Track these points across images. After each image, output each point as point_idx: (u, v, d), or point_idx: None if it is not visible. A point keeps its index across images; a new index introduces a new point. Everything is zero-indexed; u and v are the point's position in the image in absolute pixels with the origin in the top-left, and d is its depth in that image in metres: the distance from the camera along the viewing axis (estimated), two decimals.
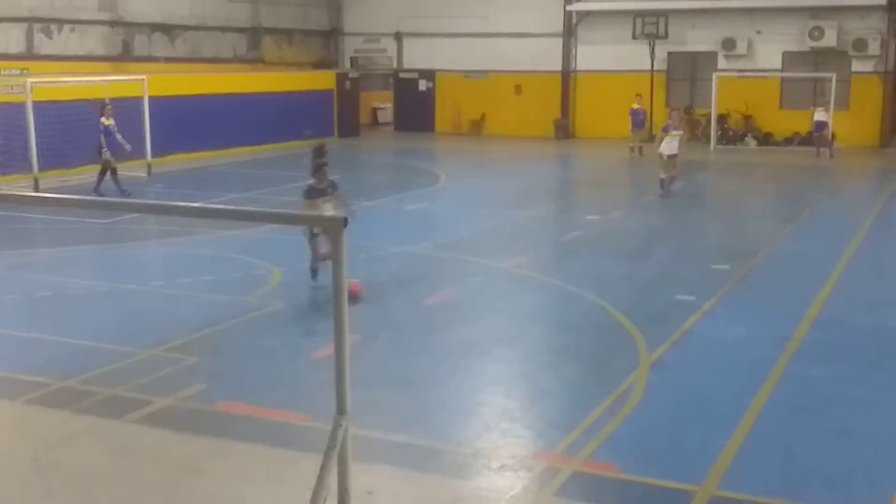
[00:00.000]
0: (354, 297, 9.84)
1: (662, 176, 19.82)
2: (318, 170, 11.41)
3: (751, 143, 30.75)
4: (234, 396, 7.91)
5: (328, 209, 11.00)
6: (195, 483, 6.40)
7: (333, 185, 11.54)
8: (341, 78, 33.66)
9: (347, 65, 35.87)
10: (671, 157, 19.57)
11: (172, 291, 11.62)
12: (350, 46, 36.21)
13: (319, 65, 34.73)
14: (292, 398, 7.91)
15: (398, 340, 9.71)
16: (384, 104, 37.76)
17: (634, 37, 31.83)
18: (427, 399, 8.05)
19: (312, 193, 11.32)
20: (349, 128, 33.44)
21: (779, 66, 31.51)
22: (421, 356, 9.27)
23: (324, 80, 33.01)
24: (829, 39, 30.31)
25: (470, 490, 6.31)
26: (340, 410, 4.72)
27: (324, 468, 4.68)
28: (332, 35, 35.98)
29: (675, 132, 19.65)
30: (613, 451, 6.87)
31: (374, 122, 37.85)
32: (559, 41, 33.55)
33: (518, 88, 33.95)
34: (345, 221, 4.57)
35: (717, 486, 6.29)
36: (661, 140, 19.69)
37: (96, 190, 18.77)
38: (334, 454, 4.70)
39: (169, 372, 8.57)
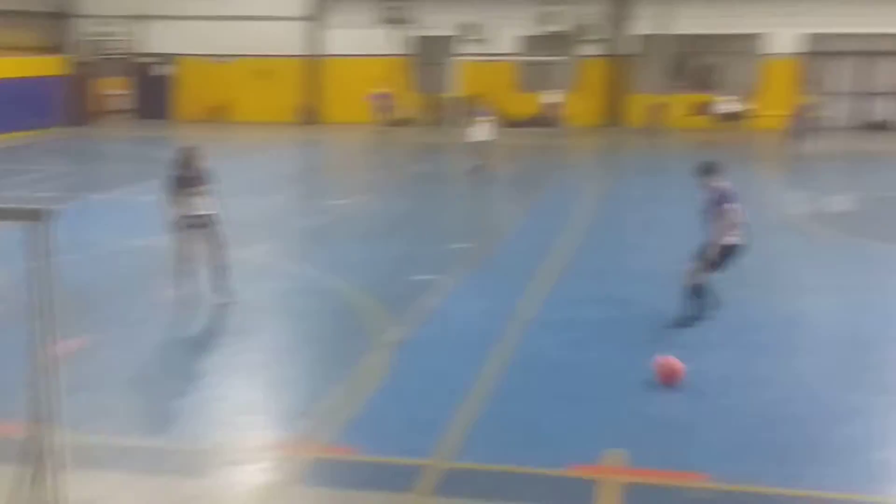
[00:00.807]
0: None
1: (473, 161, 20.00)
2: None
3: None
4: None
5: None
6: None
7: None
8: (72, 63, 31.67)
9: (80, 49, 33.81)
10: (482, 143, 19.85)
11: None
12: (84, 29, 34.10)
13: (48, 49, 32.49)
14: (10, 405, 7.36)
15: (130, 339, 9.27)
16: (121, 91, 35.92)
17: (380, 21, 32.13)
18: (160, 399, 7.75)
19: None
20: (79, 116, 31.54)
21: (514, 50, 32.86)
22: (154, 354, 8.92)
23: (50, 65, 30.94)
24: (560, 25, 31.95)
25: (204, 488, 6.14)
26: (39, 418, 4.42)
27: (24, 481, 4.37)
28: (61, 17, 33.74)
29: (483, 118, 20.02)
30: (353, 433, 6.91)
31: (111, 111, 35.93)
32: (306, 25, 33.29)
33: (265, 73, 33.37)
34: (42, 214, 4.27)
35: (452, 457, 6.48)
36: (471, 126, 19.99)
37: None
38: (44, 465, 4.41)
39: None
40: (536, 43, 32.51)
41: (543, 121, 30.29)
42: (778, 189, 20.26)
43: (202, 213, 10.22)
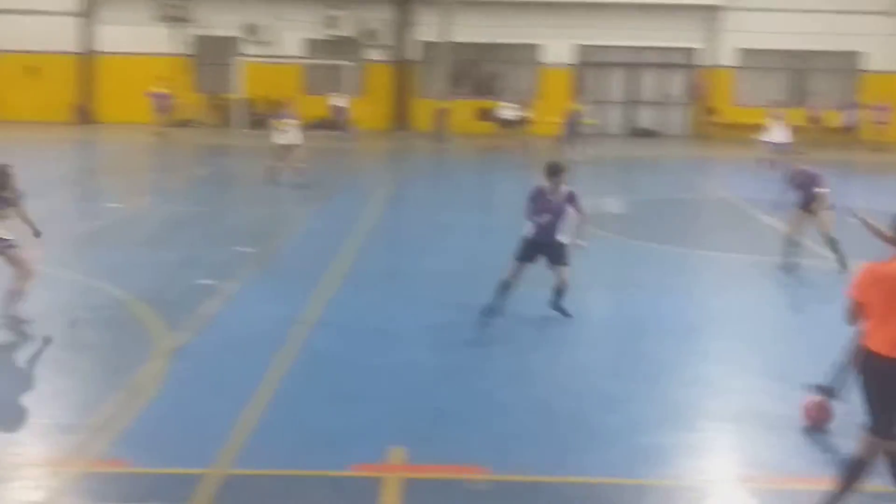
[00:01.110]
0: None
1: (272, 164, 19.35)
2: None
3: None
4: None
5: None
6: None
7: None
8: None
9: None
10: (285, 146, 19.27)
11: None
12: None
13: None
14: None
15: None
16: None
17: (158, 19, 31.04)
18: None
19: None
20: None
21: (300, 52, 32.67)
22: None
23: None
24: (345, 29, 32.07)
25: None
26: None
27: None
28: None
29: (287, 120, 19.47)
30: (127, 445, 6.61)
31: None
32: (78, 21, 31.65)
33: (34, 70, 31.45)
34: None
35: (231, 465, 6.34)
36: (276, 129, 19.39)
37: None
38: None
39: None
40: (322, 46, 32.47)
41: (331, 124, 30.25)
42: None
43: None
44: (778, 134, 23.20)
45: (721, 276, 12.82)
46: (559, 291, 9.87)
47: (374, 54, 32.84)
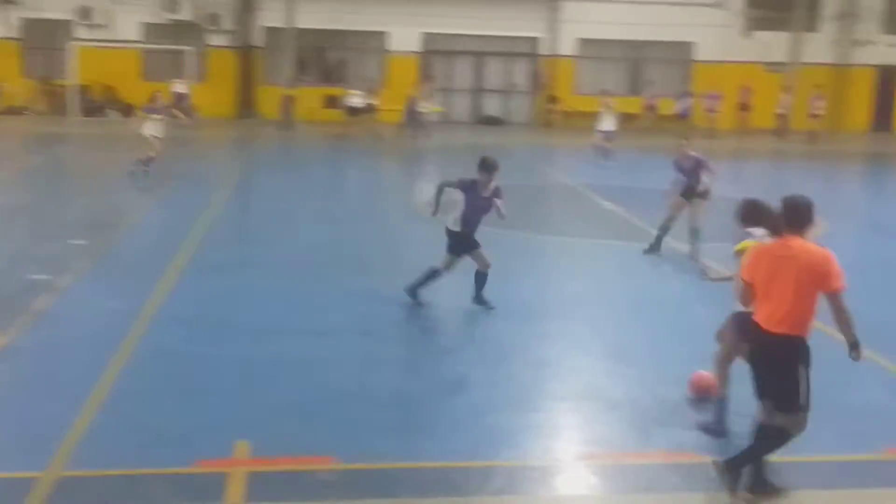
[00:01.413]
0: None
1: (143, 155, 18.27)
2: None
3: (113, 114, 30.35)
4: None
5: None
6: None
7: None
8: None
9: None
10: (155, 137, 18.27)
11: None
12: None
13: None
14: None
15: None
16: None
17: None
18: None
19: None
20: None
21: (138, 37, 31.50)
22: None
23: None
24: (185, 13, 31.10)
25: None
26: None
27: None
28: None
29: (157, 112, 18.45)
30: None
31: None
32: None
33: None
34: None
35: (65, 467, 6.05)
36: (145, 119, 18.33)
37: None
38: None
39: None
40: (161, 31, 31.40)
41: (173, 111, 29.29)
42: (404, 179, 21.26)
43: None
44: (608, 122, 24.00)
45: (566, 260, 13.15)
46: (483, 277, 9.97)
47: (217, 39, 32.02)
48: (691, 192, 12.87)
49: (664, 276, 12.09)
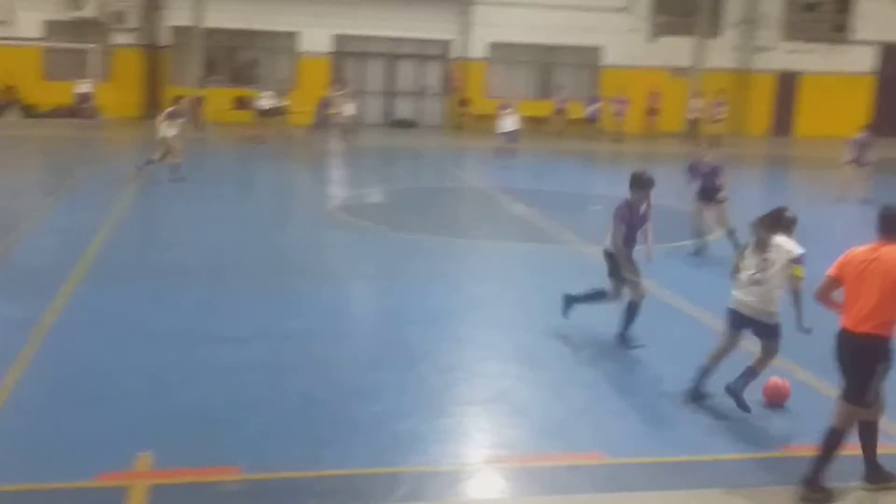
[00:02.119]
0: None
1: (153, 155, 18.26)
2: None
3: (14, 114, 29.39)
4: None
5: None
6: None
7: None
8: None
9: None
10: (170, 137, 18.21)
11: None
12: None
13: None
14: None
15: None
16: None
17: None
18: None
19: None
20: None
21: (39, 34, 30.58)
22: None
23: None
24: (90, 10, 30.31)
25: None
26: None
27: None
28: None
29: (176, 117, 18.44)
30: None
31: None
32: None
33: None
34: None
35: None
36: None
37: None
38: None
39: None
40: (64, 28, 30.53)
41: (75, 112, 28.54)
42: (315, 182, 21.09)
43: None
44: (509, 124, 24.26)
45: (476, 262, 13.22)
46: (634, 309, 9.20)
47: (122, 38, 31.27)
48: (710, 195, 13.51)
49: (574, 277, 12.21)
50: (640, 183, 9.24)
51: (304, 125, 28.50)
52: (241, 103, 30.41)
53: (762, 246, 7.34)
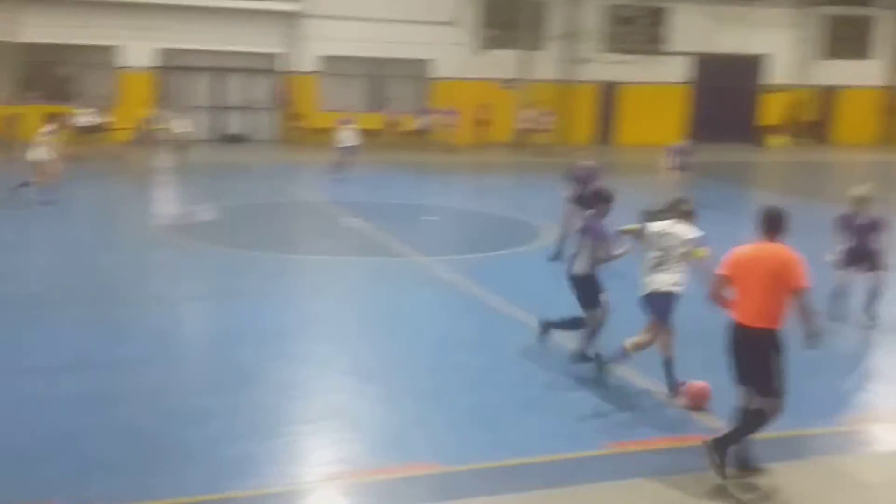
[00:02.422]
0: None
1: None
2: None
3: None
4: None
5: None
6: None
7: None
8: None
9: None
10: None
11: None
12: None
13: None
14: None
15: None
16: None
17: None
18: None
19: None
20: None
21: None
22: None
23: None
24: None
25: None
26: None
27: None
28: None
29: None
30: None
31: None
32: None
33: None
34: None
35: None
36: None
37: None
38: None
39: None
40: None
41: None
42: (141, 202, 20.37)
43: None
44: (347, 138, 24.24)
45: (310, 278, 13.11)
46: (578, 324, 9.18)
47: None
48: (586, 202, 13.59)
49: (407, 289, 12.31)
50: (607, 197, 9.09)
51: (125, 142, 27.51)
52: (58, 121, 28.98)
53: (662, 234, 8.05)
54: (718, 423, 7.22)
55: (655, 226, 8.19)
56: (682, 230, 8.05)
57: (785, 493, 6.46)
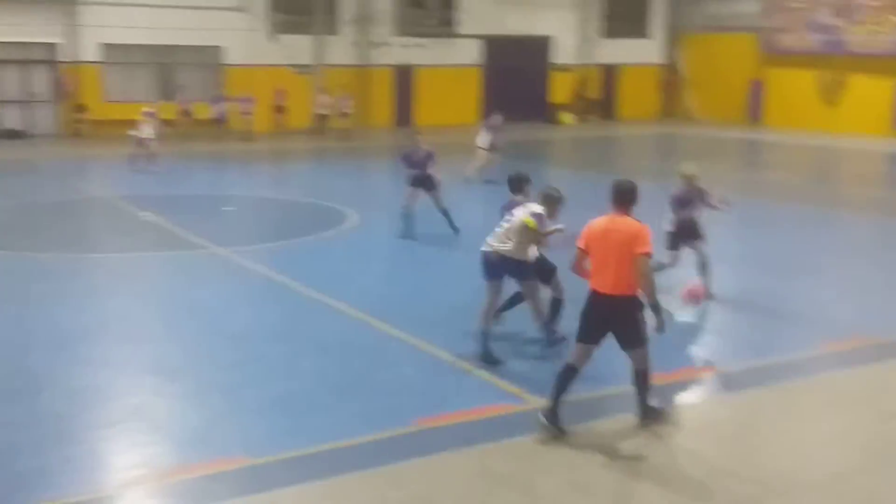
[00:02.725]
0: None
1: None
2: None
3: None
4: None
5: None
6: None
7: None
8: None
9: None
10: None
11: None
12: None
13: None
14: None
15: None
16: None
17: None
18: None
19: None
20: None
21: None
22: None
23: None
24: None
25: None
26: None
27: None
28: None
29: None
30: None
31: None
32: None
33: None
34: None
35: None
36: None
37: None
38: None
39: None
40: None
41: None
42: None
43: None
44: (146, 129, 23.34)
45: (103, 278, 12.52)
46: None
47: None
48: (423, 182, 14.61)
49: (208, 283, 12.02)
50: (558, 199, 8.77)
51: None
52: None
53: (509, 206, 8.74)
54: (531, 397, 7.48)
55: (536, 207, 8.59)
56: (527, 205, 8.61)
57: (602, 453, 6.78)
